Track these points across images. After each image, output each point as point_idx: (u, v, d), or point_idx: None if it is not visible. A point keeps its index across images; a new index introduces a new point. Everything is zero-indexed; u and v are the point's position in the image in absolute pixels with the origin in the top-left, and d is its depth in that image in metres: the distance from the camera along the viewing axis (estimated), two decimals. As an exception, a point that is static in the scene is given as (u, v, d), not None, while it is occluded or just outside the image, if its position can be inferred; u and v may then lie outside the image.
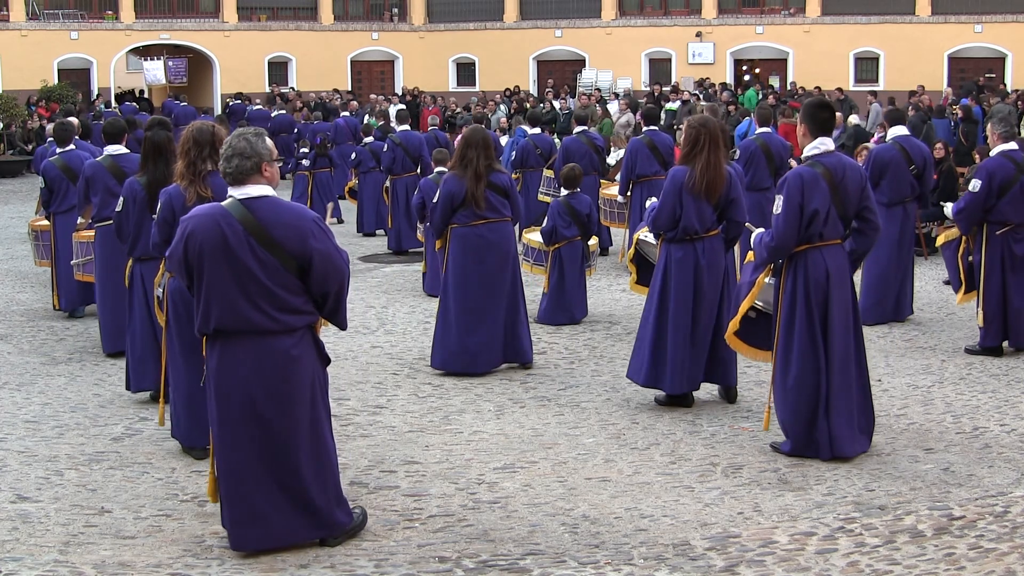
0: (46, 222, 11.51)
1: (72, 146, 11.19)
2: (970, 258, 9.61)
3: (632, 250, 8.63)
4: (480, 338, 9.00)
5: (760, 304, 7.27)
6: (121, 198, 7.88)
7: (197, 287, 5.36)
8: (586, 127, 15.89)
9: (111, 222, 8.55)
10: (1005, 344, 9.60)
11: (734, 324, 7.33)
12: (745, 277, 7.30)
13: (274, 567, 5.35)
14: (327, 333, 7.01)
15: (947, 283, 12.74)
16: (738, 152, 12.85)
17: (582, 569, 5.29)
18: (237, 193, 5.35)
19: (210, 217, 5.32)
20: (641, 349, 8.01)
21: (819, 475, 6.60)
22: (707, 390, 8.32)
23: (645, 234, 8.39)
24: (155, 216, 6.85)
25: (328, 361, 5.61)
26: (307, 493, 5.47)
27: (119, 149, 9.41)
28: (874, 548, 5.47)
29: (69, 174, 10.79)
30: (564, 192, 11.24)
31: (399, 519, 5.96)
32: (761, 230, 7.12)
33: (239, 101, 31.08)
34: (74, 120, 13.24)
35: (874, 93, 28.27)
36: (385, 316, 11.47)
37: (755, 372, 8.84)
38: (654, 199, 8.34)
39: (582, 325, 10.85)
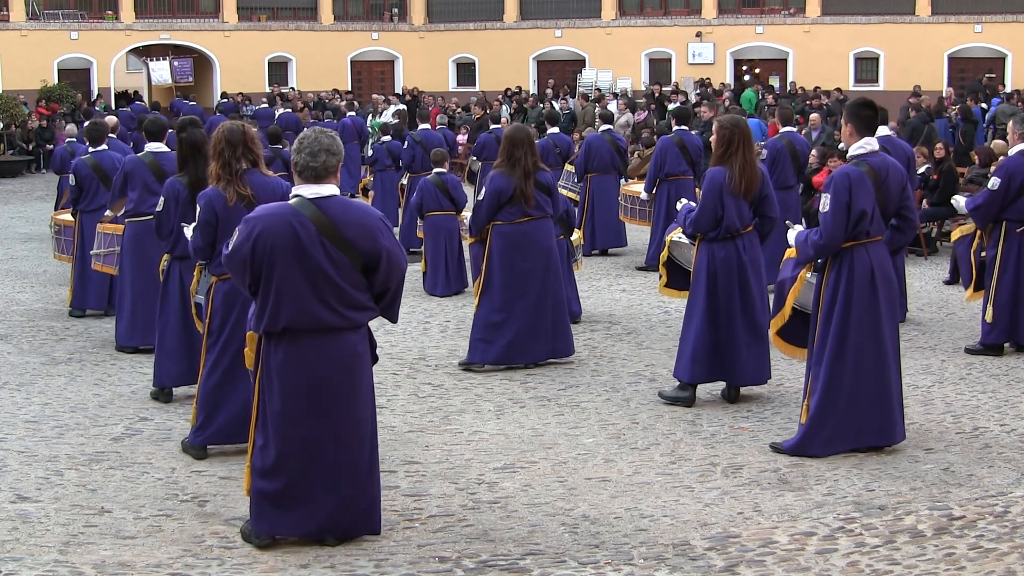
0: (69, 217, 11.65)
1: (105, 145, 11.31)
2: (983, 254, 9.63)
3: (665, 252, 8.63)
4: (526, 332, 9.15)
5: (796, 304, 7.35)
6: (162, 198, 7.87)
7: (264, 287, 5.37)
8: (611, 126, 16.12)
9: (147, 218, 8.76)
10: (1006, 344, 9.61)
11: (780, 321, 7.42)
12: (786, 273, 7.37)
13: (274, 567, 5.35)
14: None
15: (947, 283, 12.75)
16: (765, 152, 12.91)
17: (582, 569, 5.29)
18: (306, 192, 5.37)
19: (280, 217, 5.34)
20: (695, 348, 8.03)
21: (819, 475, 6.60)
22: (707, 390, 8.32)
23: (678, 236, 8.41)
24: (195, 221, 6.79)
25: (376, 359, 5.68)
26: (361, 485, 5.54)
27: (160, 147, 9.42)
28: (874, 548, 5.47)
29: (100, 173, 10.91)
30: None
31: (399, 519, 5.96)
32: (800, 227, 7.19)
33: (226, 100, 31.24)
34: (110, 119, 13.31)
35: (827, 94, 28.38)
36: (385, 316, 11.46)
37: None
38: (686, 201, 8.44)
39: (582, 325, 10.84)
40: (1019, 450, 7.04)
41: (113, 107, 31.27)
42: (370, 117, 26.58)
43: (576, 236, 11.22)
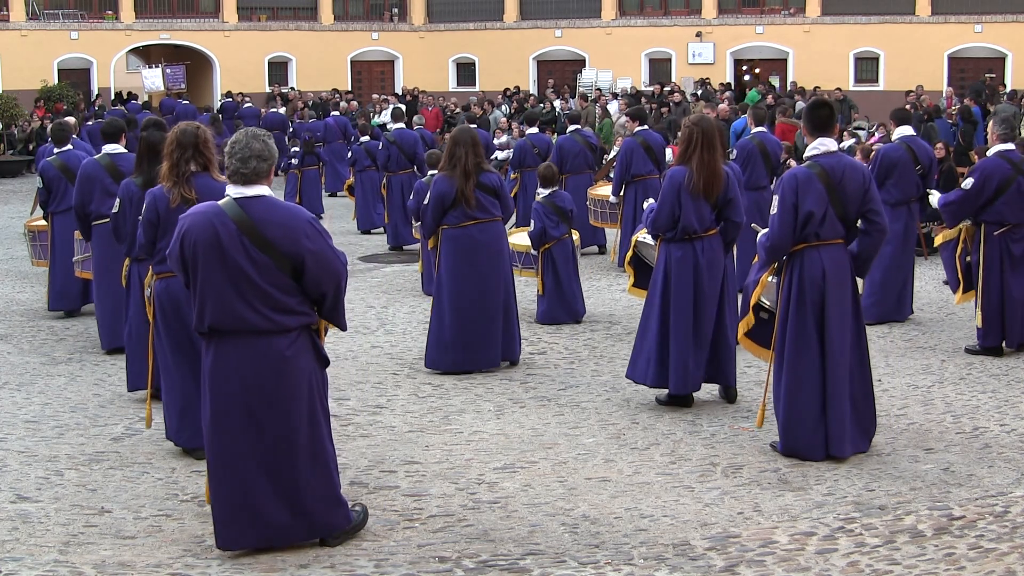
0: (43, 222, 11.56)
1: (70, 146, 11.20)
2: (967, 258, 9.63)
3: (630, 252, 8.63)
4: (475, 337, 9.03)
5: (767, 304, 7.31)
6: (117, 199, 7.86)
7: (193, 286, 5.38)
8: (579, 125, 16.12)
9: (107, 220, 8.61)
10: (1004, 344, 9.60)
11: (745, 324, 7.37)
12: (751, 277, 7.34)
13: (274, 567, 5.35)
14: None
15: (947, 283, 12.73)
16: (735, 152, 12.90)
17: (582, 569, 5.29)
18: (234, 192, 5.35)
19: (204, 216, 5.33)
20: (645, 349, 8.01)
21: (819, 475, 6.60)
22: (707, 390, 8.32)
23: (643, 236, 8.40)
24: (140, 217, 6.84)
25: (327, 362, 5.59)
26: (300, 494, 5.46)
27: (117, 148, 9.41)
28: (874, 548, 5.47)
29: (67, 174, 10.78)
30: (544, 192, 11.17)
31: (399, 519, 5.96)
32: (765, 231, 7.14)
33: (230, 99, 31.25)
34: (71, 120, 13.28)
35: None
36: (385, 316, 11.47)
37: (755, 372, 8.84)
38: (652, 200, 8.35)
39: (582, 325, 10.84)
40: (1019, 450, 7.03)
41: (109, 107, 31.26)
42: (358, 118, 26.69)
43: (575, 236, 11.24)
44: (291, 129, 23.71)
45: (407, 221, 14.98)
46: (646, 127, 14.40)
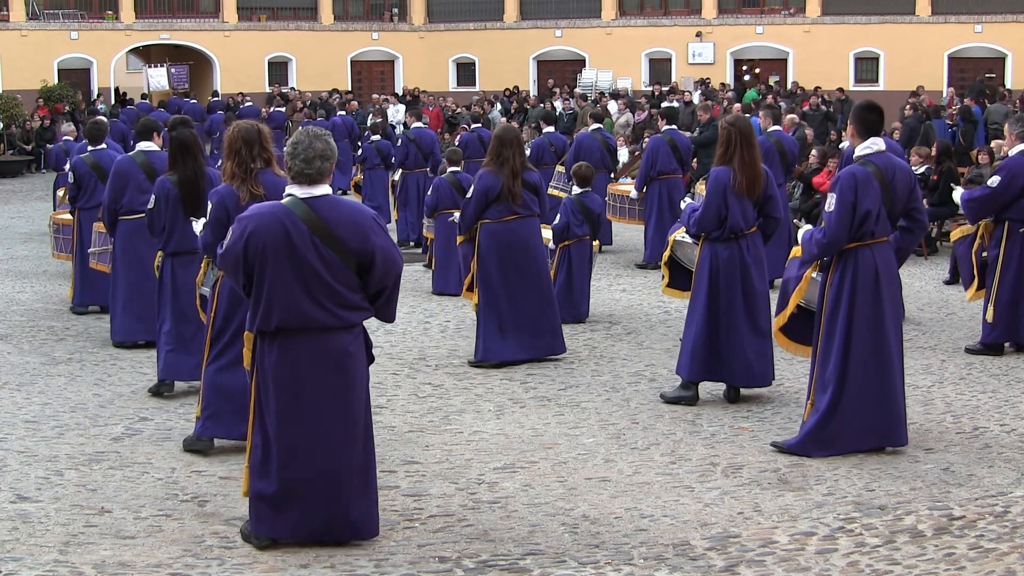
0: (68, 216, 11.89)
1: (104, 145, 11.47)
2: (984, 254, 9.65)
3: (667, 252, 8.64)
4: (517, 329, 9.31)
5: (803, 302, 7.35)
6: (152, 196, 8.14)
7: (257, 286, 5.39)
8: (601, 125, 16.40)
9: (138, 216, 9.04)
10: (1006, 344, 9.60)
11: (782, 319, 7.43)
12: (791, 272, 7.38)
13: (274, 567, 5.35)
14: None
15: (947, 283, 12.75)
16: None
17: (582, 569, 5.29)
18: (299, 192, 5.39)
19: (272, 216, 5.35)
20: (694, 346, 8.07)
21: (819, 475, 6.60)
22: (707, 390, 8.32)
23: (681, 235, 8.42)
24: (206, 217, 6.82)
25: (372, 359, 5.67)
26: (355, 490, 5.52)
27: (151, 146, 9.60)
28: (874, 548, 5.47)
29: (98, 171, 11.03)
30: (577, 190, 11.35)
31: (399, 519, 5.96)
32: (809, 227, 7.20)
33: (216, 99, 31.63)
34: (104, 119, 13.71)
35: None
36: (385, 316, 11.45)
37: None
38: (690, 200, 8.49)
39: (582, 325, 10.85)
40: (1019, 450, 7.04)
41: (112, 107, 31.27)
42: (370, 117, 26.67)
43: (596, 242, 11.33)
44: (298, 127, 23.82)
45: (419, 217, 15.36)
46: (674, 127, 14.71)
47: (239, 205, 6.61)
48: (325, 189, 5.43)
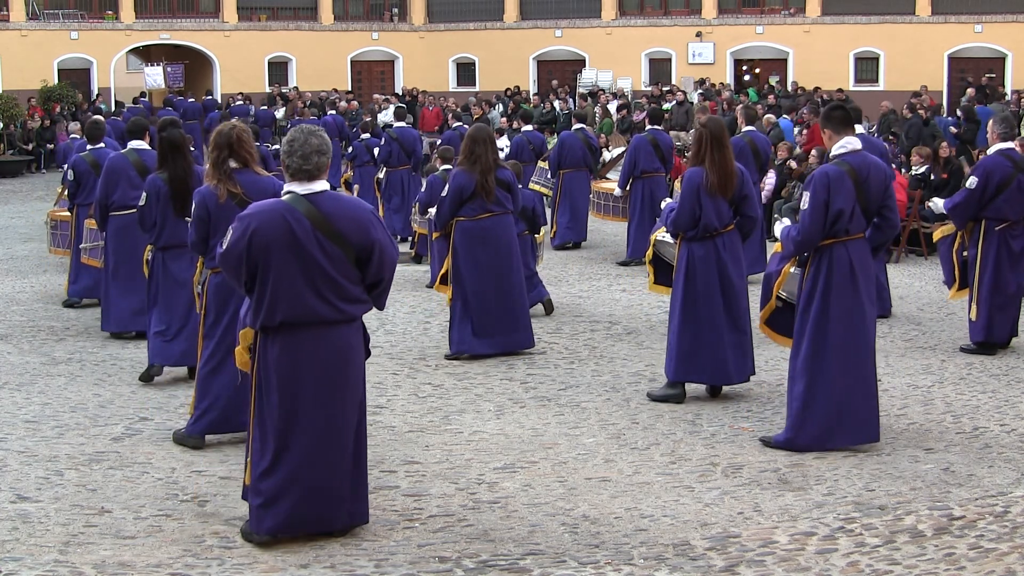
0: (66, 213, 12.27)
1: (102, 144, 11.73)
2: (964, 254, 9.72)
3: (650, 251, 8.70)
4: (491, 323, 9.50)
5: (784, 294, 7.45)
6: (144, 193, 8.44)
7: (260, 283, 5.44)
8: (584, 125, 16.80)
9: (130, 211, 9.35)
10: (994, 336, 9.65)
11: (766, 312, 7.51)
12: (772, 267, 7.49)
13: (274, 567, 5.35)
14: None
15: (947, 283, 12.73)
16: None
17: (582, 569, 5.29)
18: (299, 188, 5.47)
19: (275, 213, 5.43)
20: (677, 346, 8.15)
21: (819, 475, 6.60)
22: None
23: (662, 235, 8.51)
24: (189, 216, 7.11)
25: (369, 354, 5.76)
26: (350, 479, 5.61)
27: (142, 144, 10.01)
28: (874, 548, 5.47)
29: (98, 170, 11.20)
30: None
31: (399, 519, 5.96)
32: (787, 222, 7.32)
33: (209, 98, 31.95)
34: (102, 119, 14.11)
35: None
36: (385, 316, 11.45)
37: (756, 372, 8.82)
38: (670, 200, 8.57)
39: (582, 325, 10.85)
40: (1019, 450, 7.04)
41: (113, 107, 31.27)
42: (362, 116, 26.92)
43: (540, 234, 11.43)
44: (288, 126, 24.05)
45: (407, 213, 15.76)
46: (659, 127, 15.09)
47: (218, 204, 6.88)
48: (324, 185, 5.52)
